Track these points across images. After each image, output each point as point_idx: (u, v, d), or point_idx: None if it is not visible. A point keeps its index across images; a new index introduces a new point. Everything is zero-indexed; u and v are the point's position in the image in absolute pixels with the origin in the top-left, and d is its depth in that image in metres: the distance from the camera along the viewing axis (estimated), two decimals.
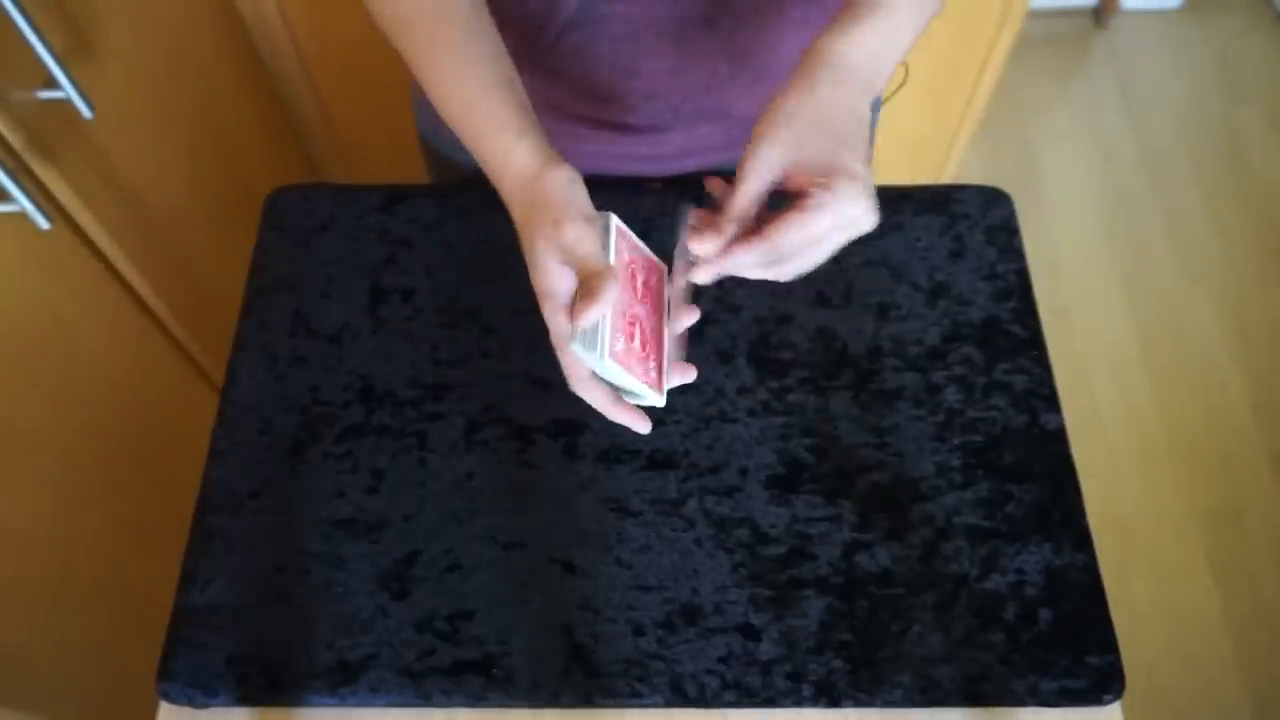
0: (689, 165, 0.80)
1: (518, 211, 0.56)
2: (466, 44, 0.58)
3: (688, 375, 0.59)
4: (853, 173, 0.52)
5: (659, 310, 0.59)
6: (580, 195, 0.55)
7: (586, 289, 0.52)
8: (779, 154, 0.53)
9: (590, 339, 0.53)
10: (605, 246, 0.55)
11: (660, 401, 0.57)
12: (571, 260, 0.53)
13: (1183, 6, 2.09)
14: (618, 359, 0.53)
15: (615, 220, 0.56)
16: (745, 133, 0.77)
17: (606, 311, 0.52)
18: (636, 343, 0.55)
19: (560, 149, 0.78)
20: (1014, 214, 0.80)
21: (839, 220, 0.52)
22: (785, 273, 0.55)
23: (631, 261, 0.58)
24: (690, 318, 0.58)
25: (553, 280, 0.53)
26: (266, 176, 1.23)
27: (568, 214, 0.53)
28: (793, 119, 0.53)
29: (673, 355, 0.59)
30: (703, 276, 0.54)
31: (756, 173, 0.53)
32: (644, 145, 0.77)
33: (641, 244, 0.60)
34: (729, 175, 0.85)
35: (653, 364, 0.57)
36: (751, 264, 0.53)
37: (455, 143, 0.75)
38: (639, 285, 0.57)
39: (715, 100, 0.73)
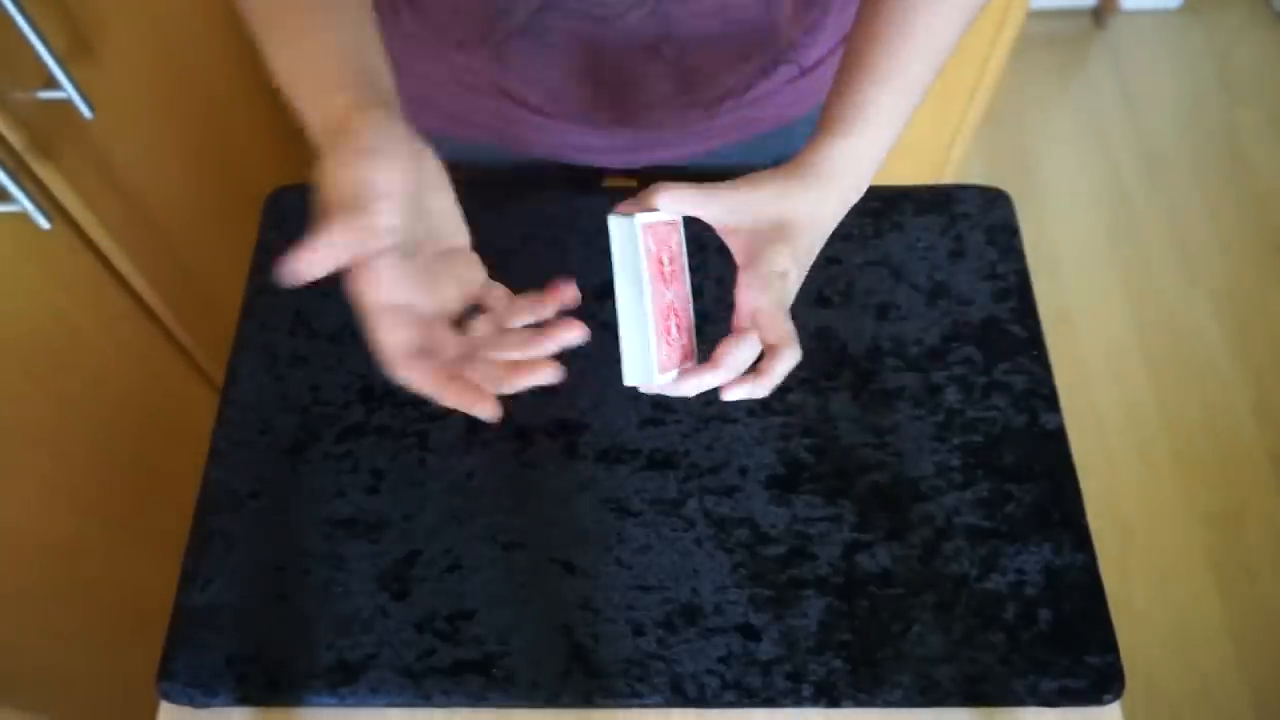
0: (644, 159, 0.81)
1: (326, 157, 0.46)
2: (318, 9, 0.51)
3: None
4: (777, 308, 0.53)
5: (682, 273, 0.56)
6: (386, 132, 0.45)
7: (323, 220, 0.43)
8: (753, 204, 0.53)
9: (643, 367, 0.52)
10: (623, 257, 0.52)
11: (669, 379, 0.53)
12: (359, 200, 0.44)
13: (1182, 6, 2.09)
14: (664, 369, 0.52)
15: (641, 220, 0.51)
16: (699, 129, 0.78)
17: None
18: (675, 332, 0.54)
19: (512, 134, 0.79)
20: (1014, 214, 0.80)
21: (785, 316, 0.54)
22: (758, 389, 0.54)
23: (658, 249, 0.53)
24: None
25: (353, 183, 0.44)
26: (266, 176, 1.23)
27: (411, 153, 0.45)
28: (776, 198, 0.53)
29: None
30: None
31: (731, 199, 0.53)
32: (593, 138, 0.77)
33: (657, 216, 0.54)
34: (688, 170, 0.85)
35: (684, 338, 0.55)
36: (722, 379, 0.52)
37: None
38: (665, 270, 0.54)
39: (659, 108, 0.74)
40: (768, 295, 0.52)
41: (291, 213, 0.80)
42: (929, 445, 0.69)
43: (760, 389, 0.52)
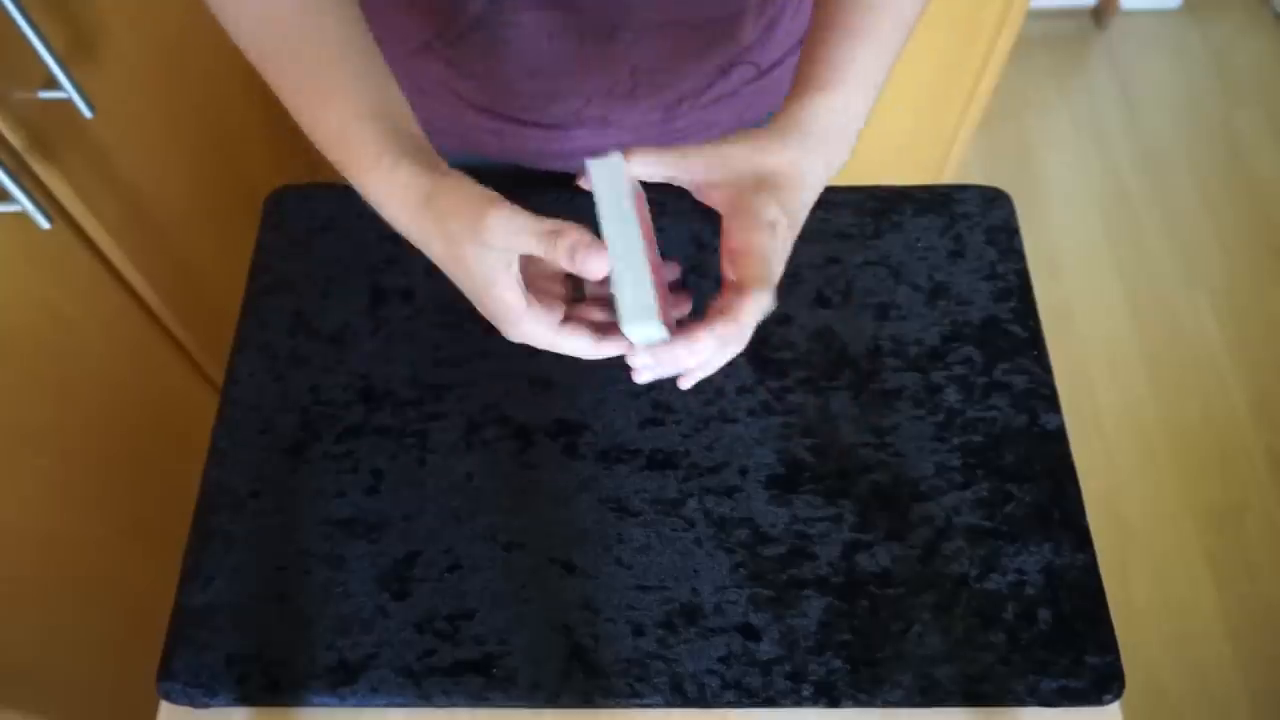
0: None
1: (422, 236, 0.51)
2: (332, 64, 0.53)
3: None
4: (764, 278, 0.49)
5: (652, 236, 0.55)
6: (477, 187, 0.49)
7: (566, 246, 0.46)
8: (734, 161, 0.51)
9: (641, 313, 0.47)
10: (610, 199, 0.49)
11: (666, 333, 0.50)
12: (508, 247, 0.48)
13: (1181, 7, 2.09)
14: (667, 324, 0.48)
15: (591, 164, 0.50)
16: (654, 133, 0.78)
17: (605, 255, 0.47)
18: (663, 293, 0.51)
19: (473, 139, 0.79)
20: (1014, 214, 0.80)
21: (772, 267, 0.50)
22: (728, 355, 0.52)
23: (639, 205, 0.52)
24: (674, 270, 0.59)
25: (502, 289, 0.49)
26: (266, 176, 1.23)
27: (481, 208, 0.48)
28: (761, 158, 0.51)
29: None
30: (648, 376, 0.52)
31: (706, 156, 0.51)
32: (552, 142, 0.77)
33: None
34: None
35: (668, 308, 0.53)
36: (701, 354, 0.50)
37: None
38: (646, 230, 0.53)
39: (616, 107, 0.74)
40: (754, 236, 0.49)
41: (291, 213, 0.80)
42: (929, 445, 0.69)
43: (730, 334, 0.49)
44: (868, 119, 0.55)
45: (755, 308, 0.49)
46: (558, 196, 0.81)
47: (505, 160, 0.80)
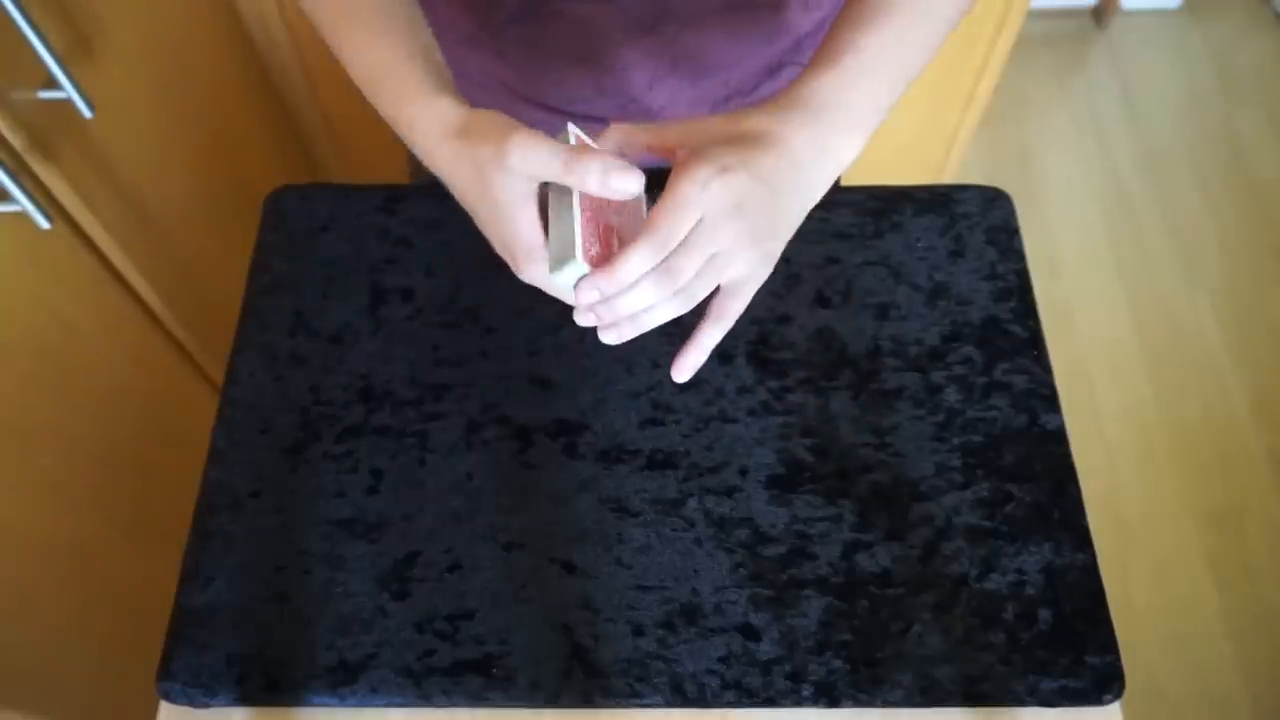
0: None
1: (452, 167, 0.51)
2: (380, 10, 0.56)
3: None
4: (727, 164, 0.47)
5: (635, 215, 0.54)
6: (505, 117, 0.50)
7: (598, 169, 0.46)
8: (710, 132, 0.49)
9: (562, 249, 0.48)
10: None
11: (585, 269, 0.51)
12: (531, 173, 0.48)
13: (1182, 6, 2.09)
14: (593, 263, 0.48)
15: (574, 129, 0.51)
16: None
17: (601, 159, 0.47)
18: (607, 241, 0.51)
19: None
20: (1014, 214, 0.80)
21: (712, 199, 0.47)
22: (690, 293, 0.50)
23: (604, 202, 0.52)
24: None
25: (519, 223, 0.49)
26: (266, 176, 1.23)
27: (506, 133, 0.48)
28: (744, 138, 0.49)
29: None
30: (589, 319, 0.50)
31: (685, 127, 0.50)
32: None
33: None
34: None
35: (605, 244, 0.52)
36: (643, 265, 0.47)
37: None
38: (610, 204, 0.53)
39: (661, 100, 0.74)
40: (684, 176, 0.47)
41: (291, 213, 0.80)
42: (929, 445, 0.69)
43: (606, 283, 0.47)
44: (884, 115, 0.53)
45: (637, 261, 0.46)
46: None
47: None
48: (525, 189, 0.49)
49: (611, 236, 0.51)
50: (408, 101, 0.53)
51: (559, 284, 0.50)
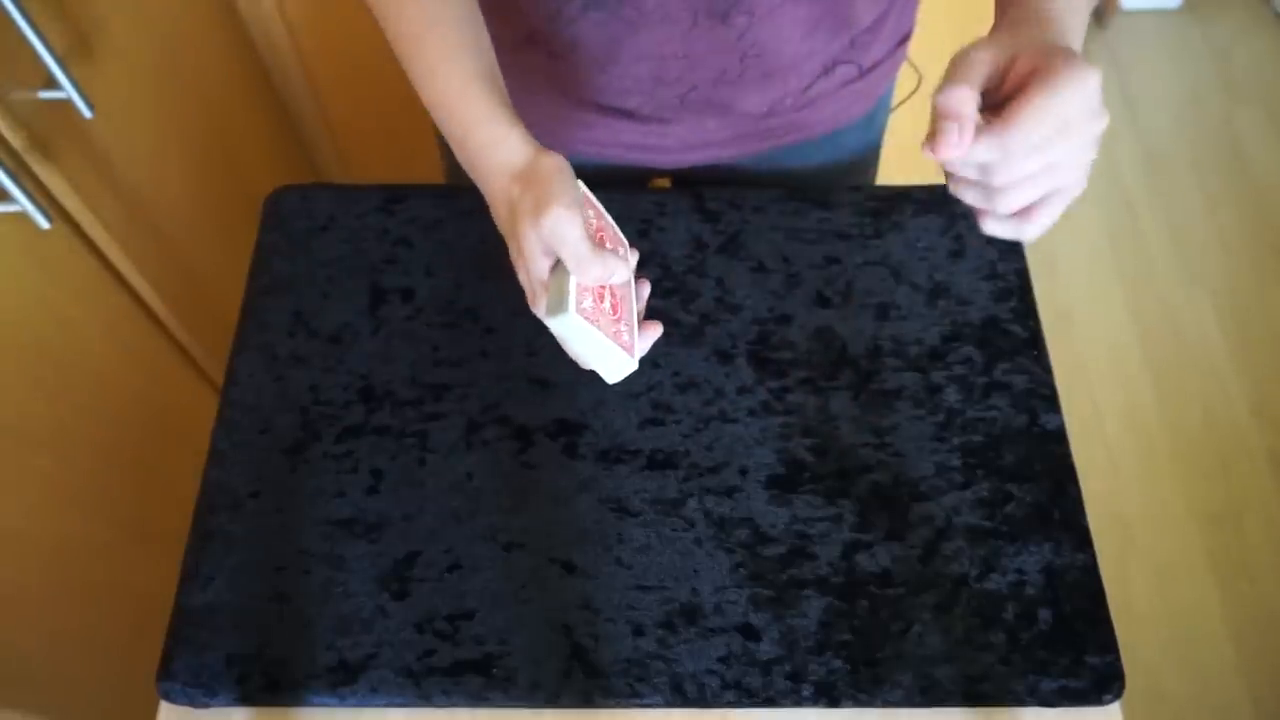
0: (692, 159, 0.81)
1: (494, 192, 0.57)
2: (455, 31, 0.59)
3: (656, 330, 0.61)
4: (1071, 54, 0.45)
5: (628, 288, 0.61)
6: (568, 182, 0.55)
7: (598, 277, 0.54)
8: (992, 51, 0.46)
9: (557, 301, 0.54)
10: None
11: (633, 364, 0.58)
12: (551, 243, 0.54)
13: (1182, 6, 2.09)
14: (585, 315, 0.54)
15: (582, 187, 0.57)
16: (751, 129, 0.78)
17: (610, 278, 0.54)
18: (607, 304, 0.56)
19: (564, 134, 0.79)
20: None
21: (1080, 104, 0.44)
22: (1034, 211, 0.49)
23: (599, 228, 0.58)
24: (645, 287, 0.63)
25: (533, 261, 0.55)
26: (266, 176, 1.23)
27: (550, 200, 0.53)
28: (1005, 32, 0.48)
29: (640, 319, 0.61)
30: (941, 152, 0.46)
31: (967, 62, 0.46)
32: (649, 135, 0.77)
33: (607, 214, 0.61)
34: (735, 171, 0.85)
35: (624, 327, 0.58)
36: (984, 157, 0.46)
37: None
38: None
39: (722, 94, 0.74)
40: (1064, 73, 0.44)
41: (291, 213, 0.80)
42: (929, 445, 0.69)
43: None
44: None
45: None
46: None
47: (598, 160, 0.80)
48: (546, 247, 0.55)
49: (605, 290, 0.57)
50: (477, 123, 0.57)
51: (552, 327, 0.56)
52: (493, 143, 0.57)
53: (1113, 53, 2.05)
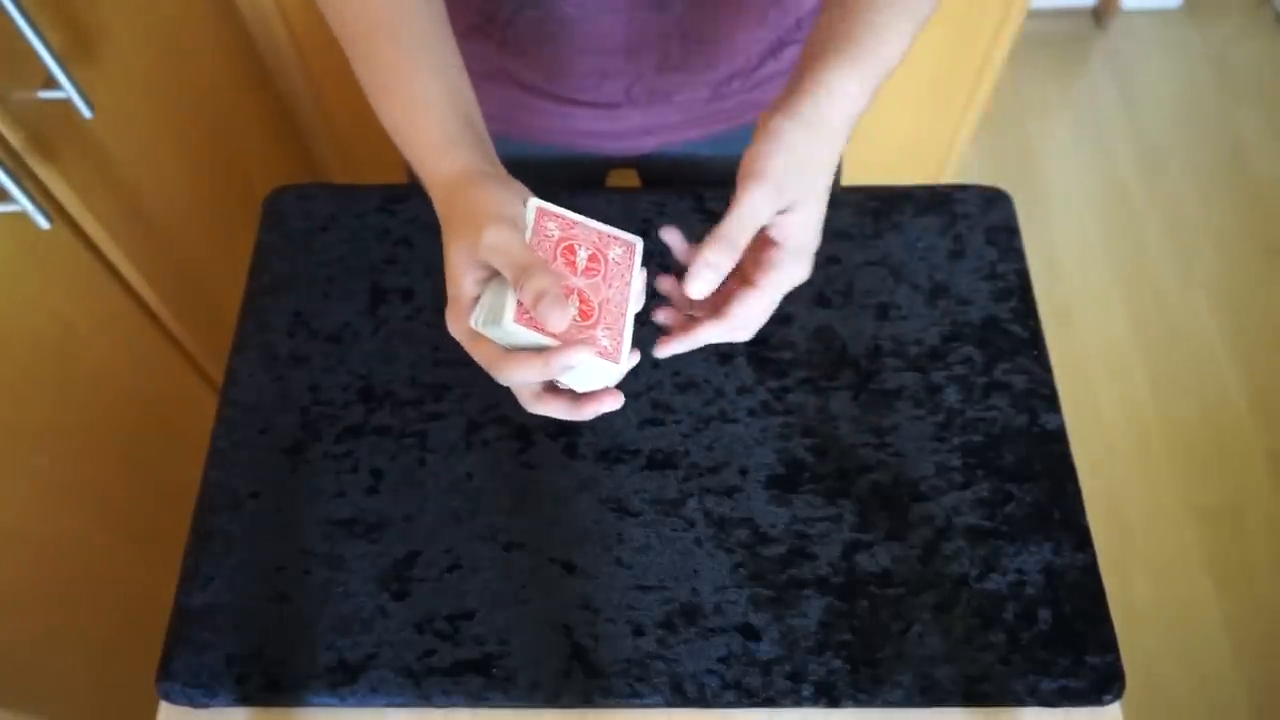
0: (648, 144, 0.81)
1: (443, 216, 0.54)
2: (412, 49, 0.56)
3: (632, 359, 0.57)
4: (804, 245, 0.54)
5: (617, 281, 0.56)
6: (505, 199, 0.52)
7: (533, 290, 0.49)
8: (768, 204, 0.51)
9: (495, 312, 0.50)
10: (526, 230, 0.53)
11: (618, 373, 0.53)
12: (490, 262, 0.50)
13: (1181, 7, 2.09)
14: (522, 321, 0.50)
15: (535, 202, 0.54)
16: (702, 112, 0.78)
17: (547, 288, 0.49)
18: (573, 310, 0.52)
19: (520, 121, 0.79)
20: (1014, 214, 0.80)
21: (790, 285, 0.55)
22: (741, 337, 0.55)
23: (567, 238, 0.55)
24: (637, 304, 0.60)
25: (459, 284, 0.51)
26: (266, 176, 1.23)
27: (488, 217, 0.50)
28: (775, 168, 0.51)
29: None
30: (664, 352, 0.54)
31: (743, 223, 0.51)
32: (601, 121, 0.78)
33: (594, 222, 0.57)
34: (693, 158, 0.84)
35: (603, 331, 0.54)
36: (713, 339, 0.54)
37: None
38: (579, 259, 0.55)
39: (667, 81, 0.74)
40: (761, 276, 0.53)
41: (291, 213, 0.80)
42: (929, 445, 0.69)
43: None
44: (868, 101, 0.54)
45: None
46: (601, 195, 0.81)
47: (554, 144, 0.80)
48: (477, 269, 0.51)
49: (572, 296, 0.53)
50: (424, 147, 0.55)
51: (490, 335, 0.52)
52: (434, 159, 0.54)
53: (1113, 53, 2.05)
